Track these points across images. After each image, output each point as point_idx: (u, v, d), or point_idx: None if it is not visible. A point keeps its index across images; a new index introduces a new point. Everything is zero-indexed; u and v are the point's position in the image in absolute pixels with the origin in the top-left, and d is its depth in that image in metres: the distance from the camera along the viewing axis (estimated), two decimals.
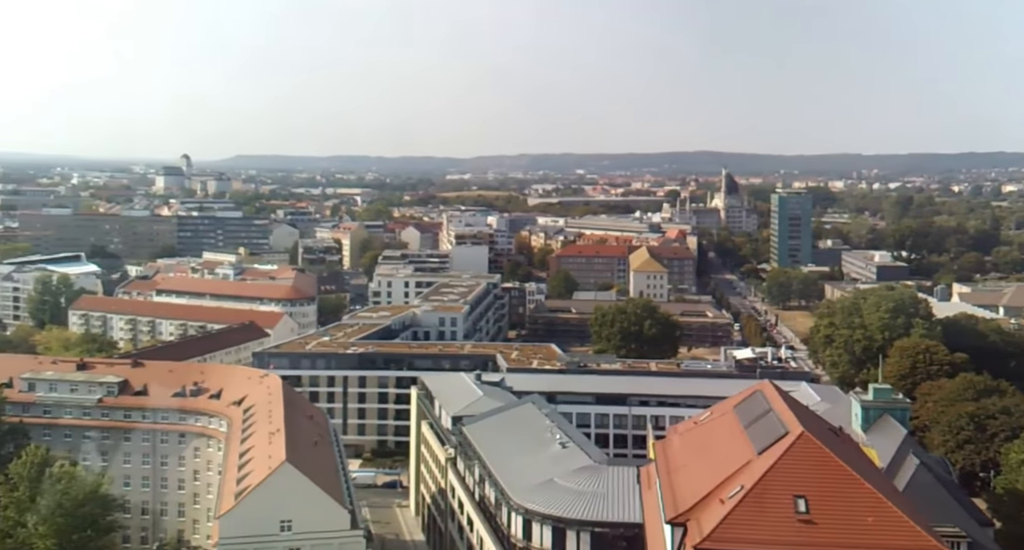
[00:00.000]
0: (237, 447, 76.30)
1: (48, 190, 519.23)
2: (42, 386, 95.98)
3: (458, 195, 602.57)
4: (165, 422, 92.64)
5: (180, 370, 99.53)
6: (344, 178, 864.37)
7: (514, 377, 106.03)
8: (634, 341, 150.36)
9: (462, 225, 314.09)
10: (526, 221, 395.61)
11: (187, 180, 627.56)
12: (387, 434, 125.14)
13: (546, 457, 69.67)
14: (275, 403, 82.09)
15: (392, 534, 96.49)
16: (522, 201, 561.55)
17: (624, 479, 62.48)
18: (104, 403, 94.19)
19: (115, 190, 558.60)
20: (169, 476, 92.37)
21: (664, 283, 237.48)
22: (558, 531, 60.16)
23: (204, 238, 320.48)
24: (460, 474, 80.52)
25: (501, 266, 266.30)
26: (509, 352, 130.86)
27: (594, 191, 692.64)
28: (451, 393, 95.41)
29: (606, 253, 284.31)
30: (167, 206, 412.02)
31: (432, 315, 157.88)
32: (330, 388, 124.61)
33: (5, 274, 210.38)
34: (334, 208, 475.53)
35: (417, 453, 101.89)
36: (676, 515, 37.15)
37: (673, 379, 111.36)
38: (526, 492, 63.81)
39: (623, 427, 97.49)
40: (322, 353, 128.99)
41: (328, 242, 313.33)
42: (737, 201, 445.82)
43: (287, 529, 64.22)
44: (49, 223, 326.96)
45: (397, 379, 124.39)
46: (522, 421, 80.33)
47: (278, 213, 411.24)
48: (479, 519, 72.29)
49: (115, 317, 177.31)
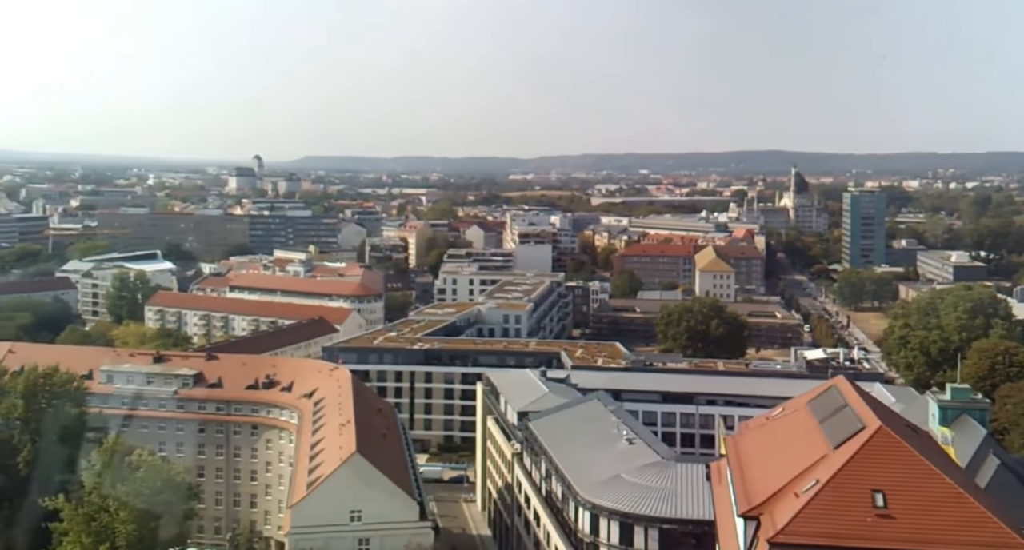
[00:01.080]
0: (308, 439, 77.73)
1: (126, 191, 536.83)
2: (120, 378, 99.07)
3: (521, 195, 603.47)
4: (238, 414, 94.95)
5: (253, 363, 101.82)
6: (409, 178, 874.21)
7: (579, 374, 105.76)
8: (700, 341, 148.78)
9: (525, 224, 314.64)
10: (589, 220, 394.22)
11: (258, 181, 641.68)
12: (453, 429, 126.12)
13: (613, 453, 69.39)
14: (345, 396, 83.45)
15: (459, 528, 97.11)
16: (585, 201, 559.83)
17: (693, 476, 61.85)
18: (179, 395, 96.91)
19: (190, 190, 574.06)
20: (242, 467, 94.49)
21: (731, 283, 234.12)
22: (626, 527, 59.93)
23: (275, 236, 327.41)
24: (526, 469, 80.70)
25: (564, 265, 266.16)
26: (574, 350, 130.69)
27: (658, 191, 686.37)
28: (516, 389, 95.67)
29: (671, 252, 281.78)
30: (239, 206, 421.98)
31: (496, 312, 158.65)
32: (397, 383, 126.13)
33: (85, 271, 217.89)
34: (400, 207, 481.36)
35: (483, 448, 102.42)
36: (749, 508, 36.59)
37: (741, 378, 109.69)
38: (593, 487, 63.69)
39: (690, 426, 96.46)
40: (389, 348, 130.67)
41: (394, 240, 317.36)
42: (807, 200, 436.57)
43: (357, 519, 65.32)
44: (127, 222, 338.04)
45: (462, 375, 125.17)
46: (588, 417, 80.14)
47: (346, 212, 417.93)
48: (546, 514, 72.37)
49: (189, 313, 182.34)
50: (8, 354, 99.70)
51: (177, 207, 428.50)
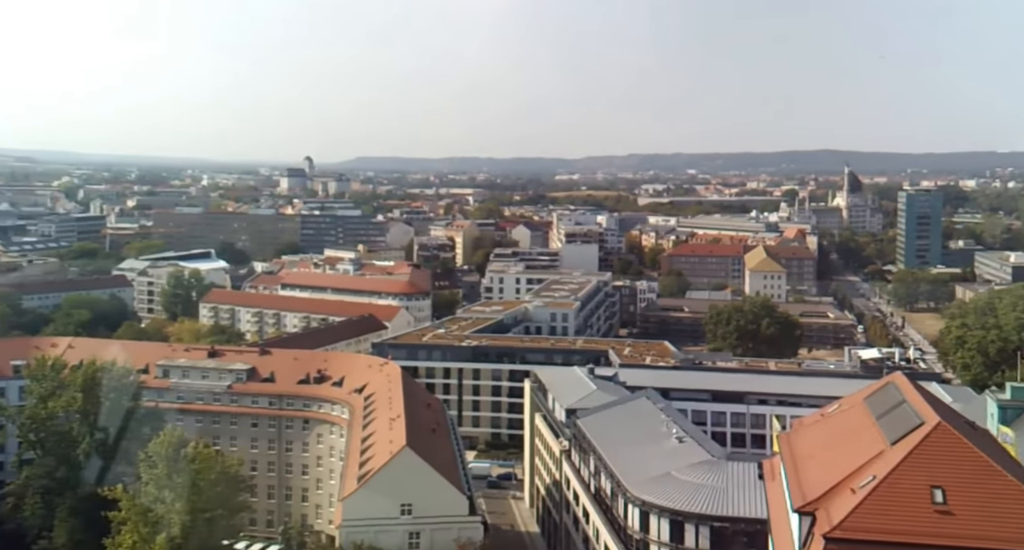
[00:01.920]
0: (359, 433, 78.44)
1: (180, 191, 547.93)
2: (176, 373, 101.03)
3: (567, 195, 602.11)
4: (290, 408, 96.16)
5: (304, 358, 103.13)
6: (456, 178, 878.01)
7: (627, 372, 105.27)
8: (751, 340, 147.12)
9: (572, 224, 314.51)
10: (636, 220, 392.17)
11: (309, 181, 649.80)
12: (501, 427, 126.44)
13: (662, 451, 69.06)
14: (395, 391, 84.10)
15: (507, 525, 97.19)
16: (632, 201, 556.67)
17: (744, 474, 61.32)
18: (233, 389, 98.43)
19: (242, 191, 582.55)
20: (293, 461, 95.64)
21: (782, 284, 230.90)
22: (676, 524, 59.59)
23: (325, 236, 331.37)
24: (575, 466, 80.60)
25: (611, 264, 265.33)
26: (621, 348, 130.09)
27: (706, 191, 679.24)
28: (564, 386, 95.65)
29: (720, 252, 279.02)
30: (291, 206, 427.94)
31: (543, 311, 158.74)
32: (445, 379, 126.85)
33: (141, 269, 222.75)
34: (447, 207, 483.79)
35: (531, 445, 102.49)
36: (804, 504, 36.02)
37: (794, 378, 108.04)
38: (643, 484, 63.43)
39: (740, 426, 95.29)
40: (438, 345, 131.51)
41: (442, 240, 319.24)
42: (861, 200, 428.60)
43: (407, 513, 65.62)
44: (181, 222, 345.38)
45: (510, 372, 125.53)
46: (637, 415, 79.87)
47: (394, 212, 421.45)
48: (595, 511, 72.21)
49: (242, 310, 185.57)
50: (68, 349, 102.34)
51: (230, 207, 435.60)
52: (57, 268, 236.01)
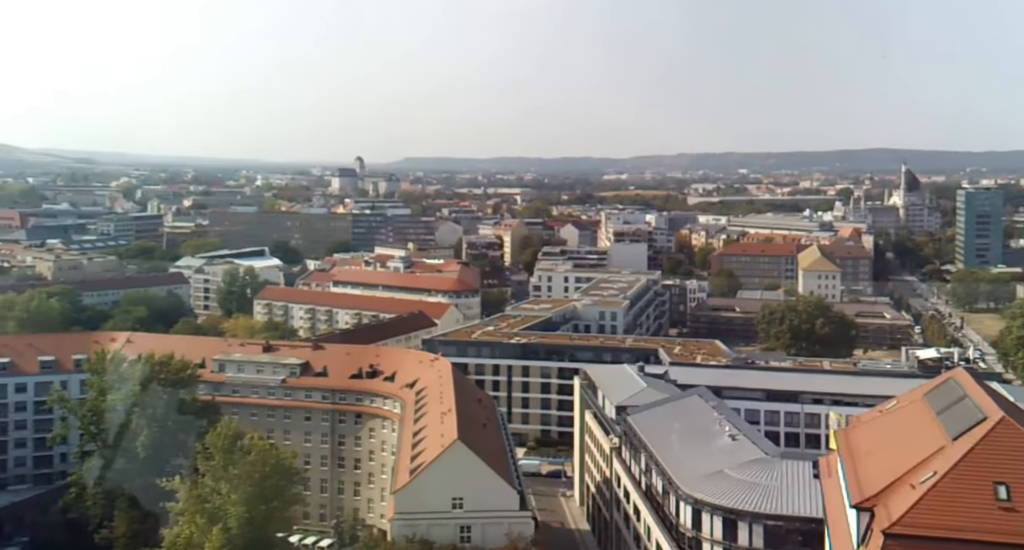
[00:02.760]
0: (411, 427, 79.06)
1: (235, 191, 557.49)
2: (231, 367, 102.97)
3: (615, 194, 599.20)
4: (343, 403, 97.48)
5: (356, 353, 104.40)
6: (504, 178, 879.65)
7: (678, 370, 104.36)
8: (804, 340, 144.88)
9: (620, 223, 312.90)
10: (686, 219, 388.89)
11: (360, 181, 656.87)
12: (550, 424, 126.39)
13: (715, 448, 68.32)
14: (445, 385, 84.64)
15: (557, 523, 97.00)
16: (681, 200, 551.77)
17: (799, 473, 60.39)
18: (287, 383, 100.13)
19: (295, 190, 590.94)
20: (346, 455, 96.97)
21: (837, 284, 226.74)
22: (729, 522, 58.93)
23: (376, 234, 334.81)
24: (625, 463, 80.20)
25: (660, 264, 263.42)
26: (672, 347, 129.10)
27: (758, 190, 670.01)
28: (614, 384, 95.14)
29: (772, 252, 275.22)
30: (342, 205, 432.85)
31: (592, 309, 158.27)
32: (495, 376, 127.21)
33: (197, 267, 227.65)
34: (495, 206, 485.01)
35: (581, 442, 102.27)
36: (863, 500, 35.52)
37: (849, 378, 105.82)
38: (695, 482, 62.85)
39: (794, 425, 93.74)
40: (487, 342, 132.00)
41: (490, 238, 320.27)
42: (918, 199, 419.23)
43: (459, 507, 65.76)
44: (236, 221, 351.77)
45: (559, 370, 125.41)
46: (688, 412, 79.12)
47: (443, 211, 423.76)
48: (646, 508, 71.75)
49: (295, 306, 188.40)
50: (127, 343, 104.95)
51: (283, 206, 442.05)
52: (116, 266, 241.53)
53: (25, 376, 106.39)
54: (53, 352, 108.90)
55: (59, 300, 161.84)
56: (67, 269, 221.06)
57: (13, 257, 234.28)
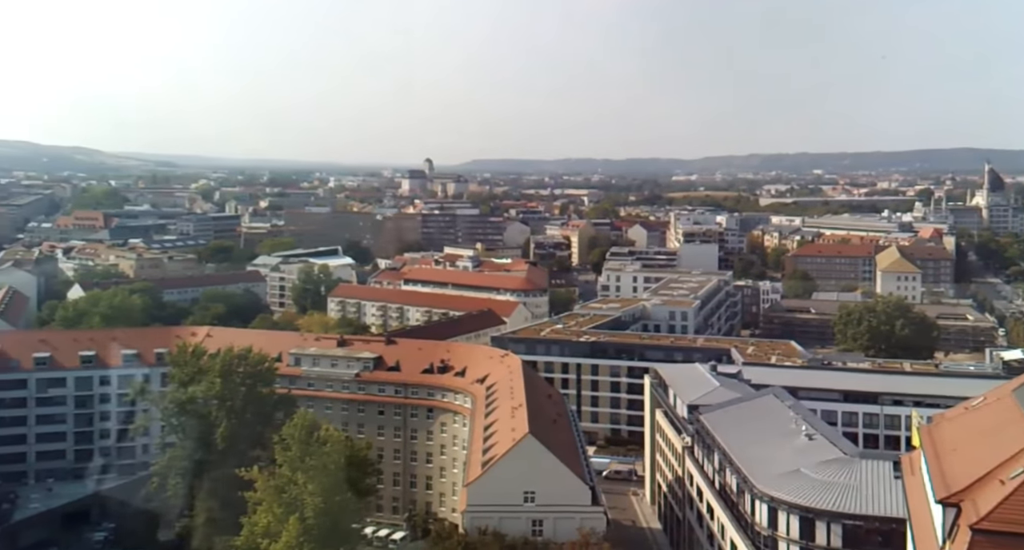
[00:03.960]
0: (482, 421, 79.63)
1: (309, 192, 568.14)
2: (307, 361, 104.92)
3: (685, 195, 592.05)
4: (415, 397, 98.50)
5: (428, 348, 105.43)
6: (571, 179, 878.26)
7: (752, 370, 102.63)
8: (883, 342, 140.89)
9: (690, 223, 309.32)
10: (758, 220, 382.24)
11: (429, 183, 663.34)
12: (620, 423, 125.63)
13: (791, 447, 67.12)
14: (516, 381, 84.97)
15: (628, 521, 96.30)
16: (753, 201, 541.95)
17: (879, 473, 59.04)
18: (361, 377, 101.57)
19: (366, 192, 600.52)
20: (418, 449, 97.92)
21: (917, 285, 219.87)
22: (806, 521, 57.84)
23: (445, 234, 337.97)
24: (698, 462, 79.30)
25: (732, 265, 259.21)
26: (745, 347, 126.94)
27: (833, 191, 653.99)
28: (686, 383, 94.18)
29: (849, 253, 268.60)
30: (412, 206, 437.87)
31: (662, 309, 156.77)
32: (564, 374, 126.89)
33: (273, 265, 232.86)
34: (562, 207, 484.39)
35: (651, 441, 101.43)
36: (948, 495, 34.28)
37: (931, 379, 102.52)
38: (771, 481, 61.86)
39: (873, 426, 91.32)
40: (556, 340, 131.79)
41: (557, 239, 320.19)
42: (1002, 199, 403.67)
43: (530, 500, 66.04)
44: (310, 221, 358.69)
45: (629, 368, 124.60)
46: (763, 412, 77.92)
47: (510, 212, 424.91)
48: (720, 507, 70.82)
49: (368, 304, 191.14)
50: (207, 337, 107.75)
51: (355, 207, 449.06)
52: (195, 264, 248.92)
53: (109, 369, 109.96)
54: (136, 346, 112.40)
55: (141, 297, 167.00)
56: (148, 267, 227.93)
57: (97, 256, 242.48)
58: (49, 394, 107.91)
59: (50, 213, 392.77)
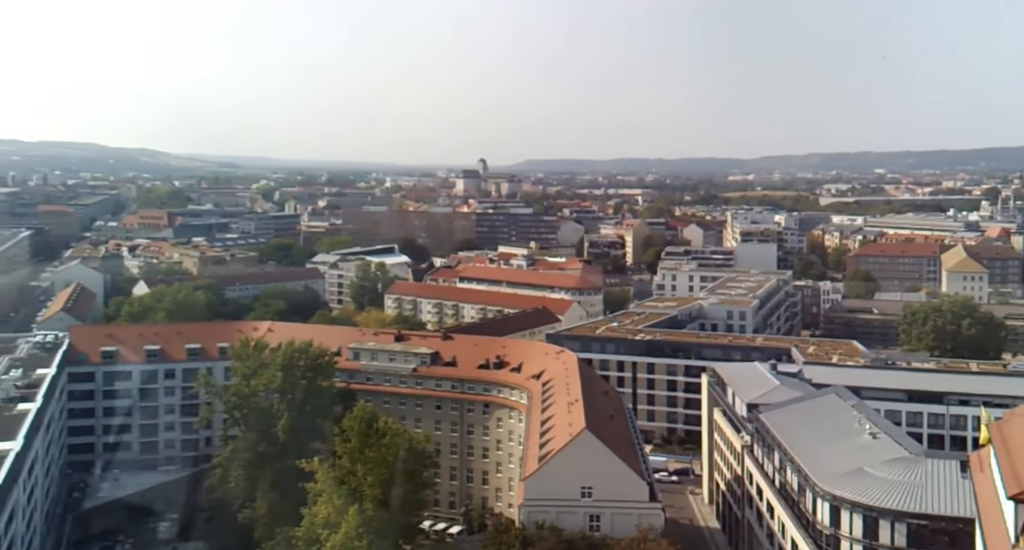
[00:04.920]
0: (538, 416, 79.63)
1: (366, 192, 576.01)
2: (365, 355, 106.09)
3: (741, 195, 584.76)
4: (471, 392, 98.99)
5: (484, 344, 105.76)
6: (625, 179, 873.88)
7: (813, 369, 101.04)
8: (949, 342, 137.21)
9: (748, 222, 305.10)
10: (818, 220, 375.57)
11: (483, 182, 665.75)
12: (676, 422, 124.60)
13: (854, 446, 65.93)
14: (572, 377, 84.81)
15: (686, 519, 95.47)
16: (812, 201, 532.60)
17: (945, 472, 57.70)
18: (418, 372, 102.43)
19: (422, 191, 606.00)
20: (475, 444, 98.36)
21: (984, 285, 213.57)
22: (870, 520, 56.79)
23: (499, 233, 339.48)
24: (757, 461, 78.28)
25: (791, 265, 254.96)
26: (806, 346, 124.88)
27: (896, 191, 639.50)
28: (745, 381, 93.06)
29: (913, 253, 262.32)
30: (466, 205, 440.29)
31: (719, 308, 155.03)
32: (619, 373, 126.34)
33: (331, 263, 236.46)
34: (616, 207, 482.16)
35: (709, 440, 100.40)
36: (1020, 491, 33.52)
37: (999, 378, 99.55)
38: (834, 479, 60.86)
39: (939, 427, 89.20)
40: (612, 338, 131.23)
41: (612, 238, 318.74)
42: None
43: (587, 495, 65.84)
44: (367, 220, 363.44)
45: (686, 367, 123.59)
46: (825, 411, 76.67)
47: (564, 211, 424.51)
48: (780, 506, 69.81)
49: (423, 301, 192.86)
50: (268, 332, 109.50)
51: (411, 206, 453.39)
52: (256, 262, 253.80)
53: (174, 363, 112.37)
54: (199, 340, 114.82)
55: (204, 293, 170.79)
56: (211, 265, 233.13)
57: (162, 254, 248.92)
58: (116, 387, 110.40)
59: (116, 212, 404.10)
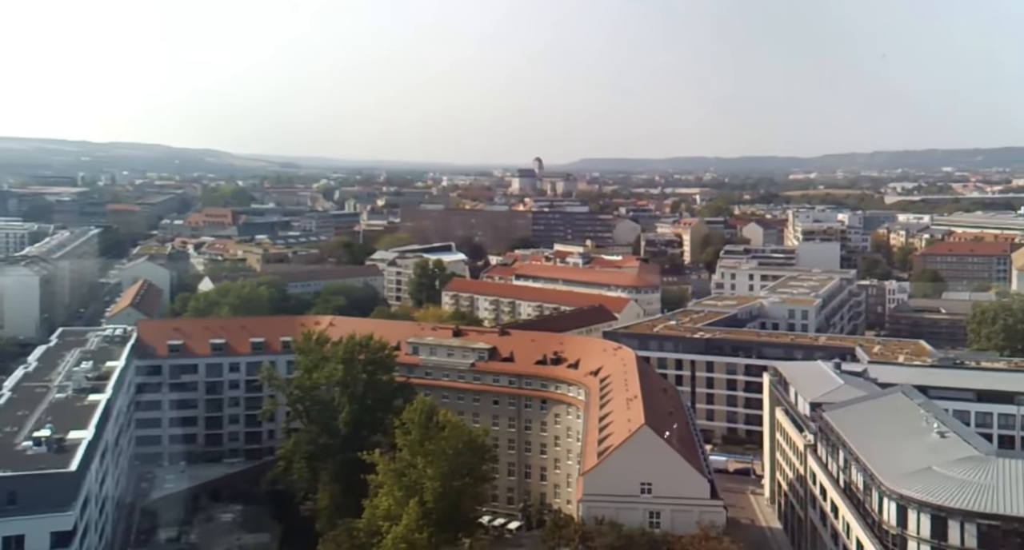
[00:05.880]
0: (596, 412, 79.29)
1: (423, 191, 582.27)
2: (424, 350, 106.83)
3: (803, 194, 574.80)
4: (529, 388, 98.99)
5: (541, 340, 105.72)
6: (682, 178, 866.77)
7: (878, 368, 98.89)
8: (1020, 341, 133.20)
9: (810, 221, 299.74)
10: (883, 218, 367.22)
11: (538, 181, 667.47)
12: (737, 421, 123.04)
13: (922, 445, 64.43)
14: (630, 373, 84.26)
15: (747, 519, 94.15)
16: (877, 200, 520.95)
17: (1017, 472, 56.29)
18: (476, 367, 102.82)
19: (478, 190, 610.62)
20: (532, 440, 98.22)
21: None
22: (938, 520, 55.43)
23: (554, 231, 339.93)
24: (821, 460, 76.90)
25: (855, 263, 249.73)
26: (871, 346, 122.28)
27: (965, 189, 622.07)
28: (808, 380, 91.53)
29: (982, 251, 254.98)
30: (522, 203, 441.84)
31: (781, 307, 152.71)
32: (677, 371, 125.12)
33: (390, 260, 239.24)
34: (674, 205, 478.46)
35: (771, 440, 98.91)
36: None
37: None
38: (901, 478, 59.56)
39: (1009, 427, 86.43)
40: (670, 336, 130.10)
41: (669, 236, 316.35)
42: None
43: (647, 492, 65.28)
44: (425, 218, 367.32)
45: (746, 366, 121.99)
46: (891, 409, 75.02)
47: (620, 210, 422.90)
48: (845, 505, 68.46)
49: (480, 298, 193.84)
50: (330, 326, 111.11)
51: (467, 205, 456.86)
52: (317, 259, 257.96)
53: (238, 356, 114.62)
54: (263, 334, 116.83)
55: (267, 289, 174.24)
56: (273, 262, 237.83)
57: (226, 251, 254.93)
58: (182, 380, 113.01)
59: (182, 211, 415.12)
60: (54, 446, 70.11)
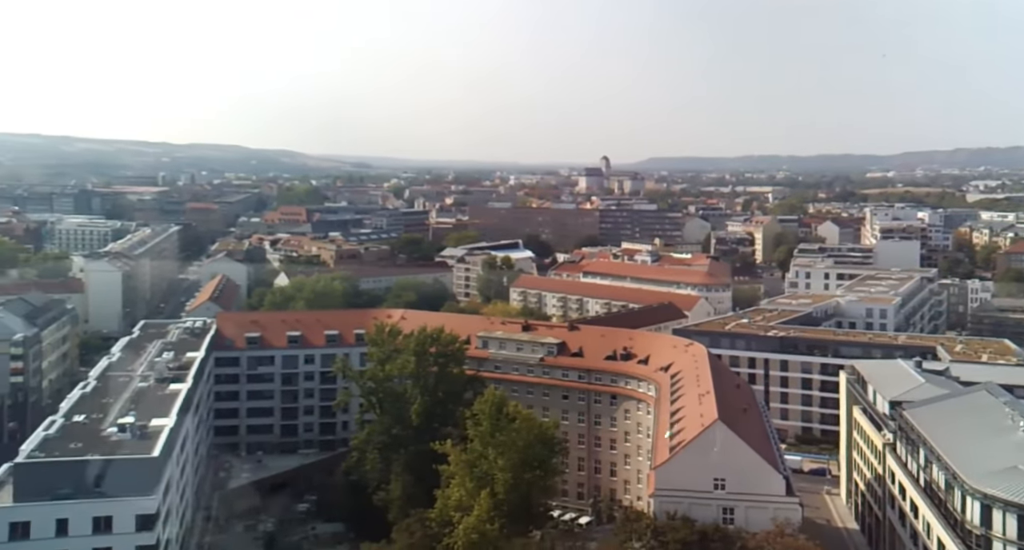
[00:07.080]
0: (668, 408, 78.60)
1: (491, 190, 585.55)
2: (494, 344, 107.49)
3: (881, 192, 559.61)
4: (598, 383, 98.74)
5: (611, 335, 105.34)
6: (754, 177, 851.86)
7: (960, 367, 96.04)
8: None
9: (888, 219, 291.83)
10: (965, 217, 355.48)
11: (606, 180, 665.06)
12: (811, 421, 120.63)
13: (1007, 444, 62.25)
14: (702, 369, 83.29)
15: (823, 520, 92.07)
16: (959, 197, 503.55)
17: None
18: (545, 362, 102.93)
19: (545, 189, 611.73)
20: (602, 435, 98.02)
21: None
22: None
23: (622, 229, 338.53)
24: (900, 459, 74.89)
25: (936, 263, 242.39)
26: (952, 345, 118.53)
27: None
28: (887, 379, 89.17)
29: None
30: (589, 202, 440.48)
31: (858, 306, 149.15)
32: (750, 369, 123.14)
33: (459, 257, 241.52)
34: (745, 204, 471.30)
35: (848, 439, 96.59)
36: None
37: None
38: (985, 477, 57.62)
39: None
40: (742, 334, 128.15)
41: (740, 235, 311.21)
42: None
43: (720, 488, 64.43)
44: (493, 216, 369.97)
45: (822, 365, 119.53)
46: (974, 408, 72.62)
47: (689, 209, 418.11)
48: (925, 505, 66.54)
49: (548, 294, 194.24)
50: (401, 319, 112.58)
51: (535, 203, 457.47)
52: (388, 255, 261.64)
53: (313, 348, 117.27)
54: (337, 327, 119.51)
55: (340, 284, 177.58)
56: (346, 258, 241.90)
57: (301, 247, 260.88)
58: (259, 371, 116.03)
59: (258, 209, 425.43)
60: (137, 433, 72.73)
